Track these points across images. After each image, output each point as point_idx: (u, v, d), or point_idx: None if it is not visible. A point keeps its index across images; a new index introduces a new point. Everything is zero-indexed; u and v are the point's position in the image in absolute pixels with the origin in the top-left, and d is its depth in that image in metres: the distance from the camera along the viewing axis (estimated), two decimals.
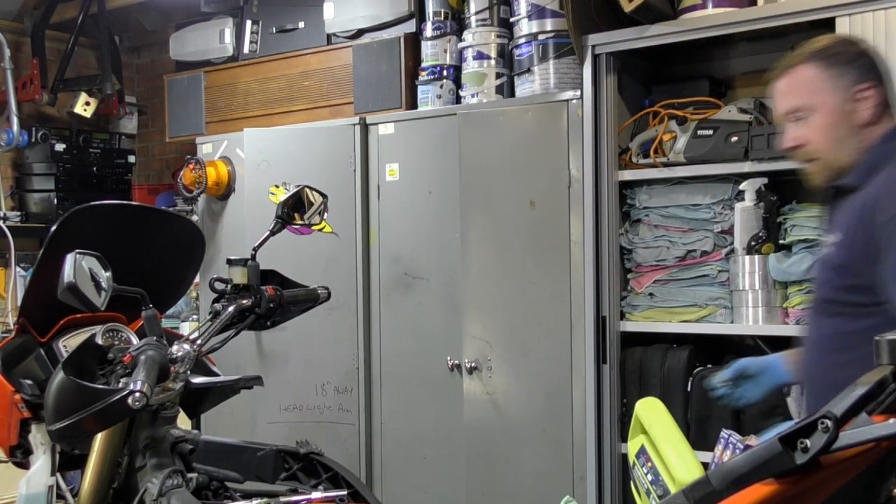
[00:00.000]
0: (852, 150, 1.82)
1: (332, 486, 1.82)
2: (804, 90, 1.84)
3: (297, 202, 2.19)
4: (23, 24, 4.87)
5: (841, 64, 1.84)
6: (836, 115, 1.82)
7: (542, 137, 3.25)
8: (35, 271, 2.09)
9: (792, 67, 1.86)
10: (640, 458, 1.34)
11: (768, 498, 1.05)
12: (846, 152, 1.82)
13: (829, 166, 1.85)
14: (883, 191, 1.70)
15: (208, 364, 2.11)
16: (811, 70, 1.84)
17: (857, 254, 1.71)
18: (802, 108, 1.84)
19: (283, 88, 4.04)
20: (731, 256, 2.97)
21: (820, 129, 1.83)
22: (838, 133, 1.82)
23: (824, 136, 1.83)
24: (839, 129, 1.82)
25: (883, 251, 1.65)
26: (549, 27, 3.30)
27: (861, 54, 1.88)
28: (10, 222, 4.57)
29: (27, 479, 2.04)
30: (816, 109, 1.83)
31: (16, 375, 2.05)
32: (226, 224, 4.05)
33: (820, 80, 1.83)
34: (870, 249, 1.68)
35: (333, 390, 3.66)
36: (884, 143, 1.81)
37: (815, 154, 1.86)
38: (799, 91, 1.85)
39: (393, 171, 3.60)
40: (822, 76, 1.83)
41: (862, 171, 1.79)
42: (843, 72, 1.83)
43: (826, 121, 1.83)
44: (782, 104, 1.88)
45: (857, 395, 1.04)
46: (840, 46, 1.90)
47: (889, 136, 1.83)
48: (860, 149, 1.82)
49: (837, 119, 1.82)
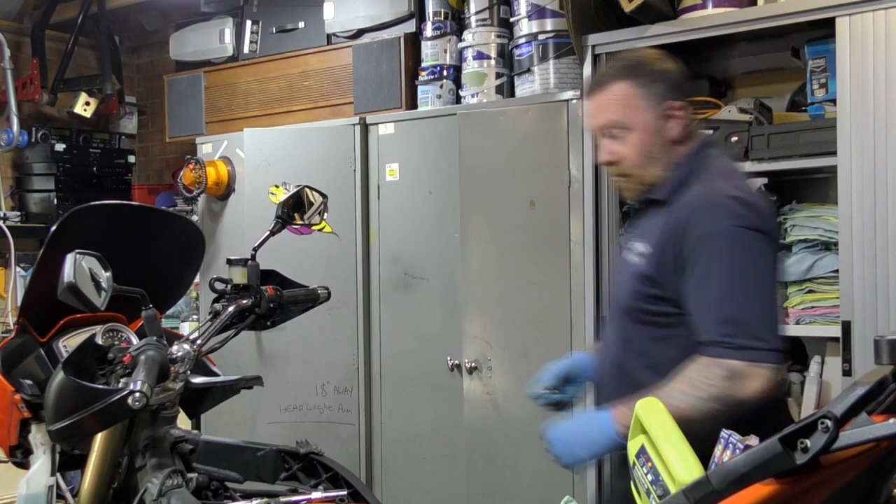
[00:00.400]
0: (663, 165, 1.88)
1: (332, 486, 1.82)
2: (619, 107, 1.88)
3: (297, 202, 2.19)
4: (23, 24, 4.87)
5: (652, 81, 1.89)
6: (650, 132, 1.87)
7: (542, 137, 3.25)
8: (35, 271, 2.09)
9: (606, 84, 1.90)
10: (640, 458, 1.34)
11: (768, 498, 1.06)
12: (657, 168, 1.88)
13: (642, 181, 1.90)
14: (694, 209, 1.77)
15: (208, 364, 2.11)
16: (625, 87, 1.88)
17: (666, 267, 1.78)
18: (618, 125, 1.88)
19: (283, 88, 4.04)
20: None
21: (634, 146, 1.87)
22: (651, 150, 1.87)
23: (638, 153, 1.87)
24: (652, 146, 1.87)
25: (689, 267, 1.74)
26: (549, 27, 3.31)
27: (669, 70, 1.93)
28: (10, 222, 4.58)
29: (27, 479, 2.04)
30: (631, 126, 1.87)
31: (16, 375, 2.05)
32: (226, 224, 4.05)
33: (634, 97, 1.87)
34: (678, 264, 1.76)
35: (333, 390, 3.66)
36: (691, 160, 1.88)
37: (629, 170, 1.91)
38: (615, 107, 1.88)
39: (393, 171, 3.60)
40: (636, 93, 1.87)
41: (671, 187, 1.85)
42: (655, 89, 1.88)
43: (640, 138, 1.87)
44: (597, 120, 1.91)
45: (857, 395, 1.04)
46: (650, 63, 1.94)
47: (696, 152, 1.89)
48: (669, 165, 1.88)
49: (651, 136, 1.87)
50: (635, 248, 1.88)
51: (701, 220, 1.75)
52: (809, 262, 2.79)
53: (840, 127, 2.64)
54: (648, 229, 1.87)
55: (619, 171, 1.92)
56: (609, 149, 1.90)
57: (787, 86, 3.15)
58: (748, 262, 1.74)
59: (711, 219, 1.75)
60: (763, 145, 2.84)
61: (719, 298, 1.72)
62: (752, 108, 2.97)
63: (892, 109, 2.56)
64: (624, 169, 1.90)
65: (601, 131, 1.91)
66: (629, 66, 1.92)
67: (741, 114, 2.96)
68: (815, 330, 2.81)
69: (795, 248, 2.87)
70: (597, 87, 1.91)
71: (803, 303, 2.83)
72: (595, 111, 1.91)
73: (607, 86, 1.89)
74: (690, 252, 1.74)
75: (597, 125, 1.91)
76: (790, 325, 2.86)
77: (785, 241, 2.92)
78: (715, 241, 1.73)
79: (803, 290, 2.83)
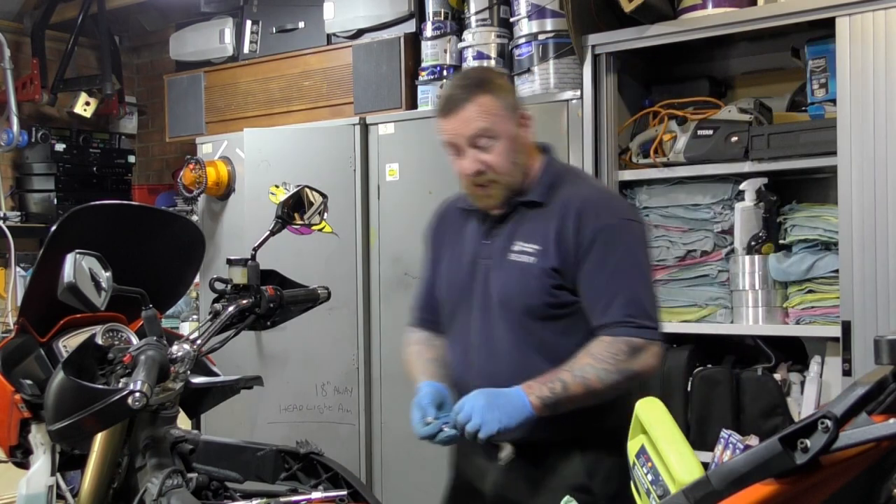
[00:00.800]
0: (524, 170, 2.01)
1: (332, 486, 1.82)
2: (487, 117, 1.95)
3: (297, 202, 2.19)
4: (23, 24, 4.87)
5: (506, 92, 2.02)
6: (512, 139, 1.98)
7: (542, 137, 3.18)
8: (35, 271, 2.09)
9: (470, 98, 1.96)
10: (640, 458, 1.34)
11: (768, 498, 1.06)
12: (520, 173, 2.00)
13: (509, 187, 1.99)
14: (583, 205, 1.95)
15: (208, 364, 2.11)
16: (488, 99, 1.96)
17: (568, 258, 1.93)
18: (487, 134, 1.96)
19: (282, 88, 4.04)
20: (731, 256, 2.97)
21: (502, 154, 1.97)
22: (516, 156, 1.99)
23: (505, 160, 1.97)
24: (516, 153, 1.99)
25: (587, 257, 1.91)
26: (549, 27, 3.30)
27: (511, 84, 2.08)
28: (10, 222, 4.58)
29: (27, 479, 2.04)
30: (498, 135, 1.96)
31: (16, 375, 2.05)
32: (226, 224, 4.05)
33: (497, 108, 1.96)
34: (578, 255, 1.92)
35: (333, 390, 3.66)
36: (552, 165, 2.06)
37: (497, 177, 1.97)
38: (482, 119, 1.95)
39: (393, 171, 3.60)
40: (498, 105, 1.97)
41: (543, 189, 2.00)
42: (510, 100, 2.01)
43: (506, 146, 1.97)
44: (465, 132, 1.96)
45: (857, 395, 1.04)
46: (497, 77, 2.08)
47: (550, 159, 2.08)
48: (530, 169, 2.02)
49: (513, 143, 1.98)
50: (523, 249, 1.97)
51: (593, 214, 1.93)
52: (809, 262, 2.79)
53: (840, 127, 2.64)
54: (532, 230, 1.98)
55: (487, 180, 1.98)
56: (478, 159, 1.97)
57: (787, 86, 3.15)
58: (638, 251, 1.98)
59: (602, 213, 1.95)
60: (763, 145, 2.84)
61: (619, 283, 1.90)
62: (752, 108, 2.97)
63: (892, 109, 2.56)
64: (492, 177, 1.97)
65: (470, 143, 1.97)
66: (484, 81, 2.01)
67: (741, 114, 2.96)
68: (815, 330, 2.81)
69: (795, 248, 2.88)
70: (460, 102, 1.97)
71: (803, 303, 2.83)
72: (461, 125, 1.97)
73: (471, 100, 1.96)
74: (589, 244, 1.91)
75: (465, 137, 1.97)
76: (790, 325, 2.86)
77: (785, 241, 2.92)
78: (609, 232, 1.92)
79: (803, 290, 2.83)
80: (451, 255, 2.12)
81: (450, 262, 2.12)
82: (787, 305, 2.88)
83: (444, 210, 2.23)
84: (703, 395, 2.93)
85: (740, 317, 2.93)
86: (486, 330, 2.01)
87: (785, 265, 2.84)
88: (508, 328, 1.98)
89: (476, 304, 2.03)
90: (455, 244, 2.12)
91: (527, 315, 1.96)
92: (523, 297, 1.96)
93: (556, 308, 1.95)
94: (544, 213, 1.98)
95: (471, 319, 2.04)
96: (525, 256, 1.97)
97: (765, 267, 2.88)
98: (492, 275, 2.01)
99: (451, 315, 2.11)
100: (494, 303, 2.00)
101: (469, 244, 2.08)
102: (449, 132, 1.99)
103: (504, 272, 1.99)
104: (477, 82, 2.00)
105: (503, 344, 1.98)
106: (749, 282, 2.90)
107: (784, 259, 2.86)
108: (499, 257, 2.01)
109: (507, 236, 2.01)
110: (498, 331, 1.99)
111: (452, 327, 2.10)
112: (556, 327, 1.96)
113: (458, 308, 2.08)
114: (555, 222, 1.95)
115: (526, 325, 1.96)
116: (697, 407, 2.95)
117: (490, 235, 2.04)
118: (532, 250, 1.96)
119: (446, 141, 2.01)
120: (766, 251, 2.89)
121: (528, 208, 2.01)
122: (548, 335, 1.96)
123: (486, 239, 2.04)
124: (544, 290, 1.94)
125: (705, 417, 2.93)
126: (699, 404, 2.94)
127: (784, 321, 2.89)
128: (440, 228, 2.20)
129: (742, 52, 3.31)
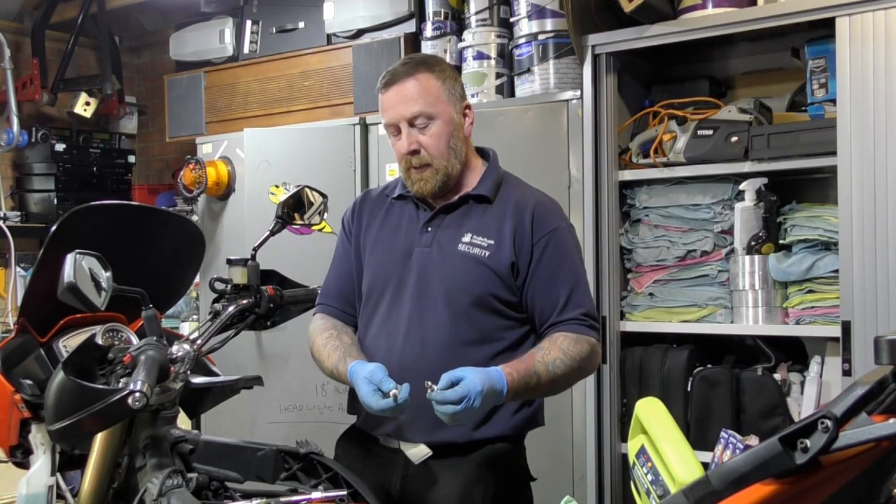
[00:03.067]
0: (460, 160, 2.00)
1: (332, 486, 1.82)
2: (427, 96, 1.94)
3: (297, 202, 2.20)
4: (23, 24, 4.87)
5: (452, 79, 2.01)
6: (452, 124, 1.97)
7: (542, 137, 3.24)
8: (35, 271, 2.09)
9: (411, 74, 1.95)
10: (640, 458, 1.34)
11: (768, 498, 1.06)
12: (458, 163, 1.99)
13: (446, 174, 1.98)
14: (534, 207, 1.99)
15: (208, 364, 2.11)
16: (430, 78, 1.96)
17: (523, 255, 1.96)
18: (425, 114, 1.94)
19: (282, 88, 4.04)
20: (731, 256, 2.97)
21: (439, 136, 1.95)
22: (455, 143, 1.98)
23: (443, 143, 1.96)
24: (455, 139, 1.98)
25: (540, 257, 1.96)
26: (549, 27, 3.30)
27: (458, 73, 1.97)
28: (10, 222, 4.57)
29: (27, 479, 2.04)
30: (436, 116, 1.95)
31: (16, 375, 2.05)
32: (226, 224, 4.05)
33: (438, 88, 1.96)
34: (534, 253, 1.96)
35: (333, 390, 3.66)
36: (495, 165, 2.07)
37: (433, 160, 1.96)
38: (422, 96, 1.94)
39: (393, 171, 3.59)
40: (439, 86, 1.96)
41: (490, 186, 2.01)
42: (455, 86, 2.01)
43: (444, 129, 1.96)
44: (403, 109, 1.95)
45: (857, 395, 1.04)
46: (445, 63, 2.07)
47: (494, 156, 2.10)
48: (466, 161, 2.02)
49: (453, 129, 1.97)
50: (475, 242, 1.97)
51: (546, 216, 1.99)
52: (809, 262, 2.79)
53: (840, 127, 2.64)
54: (484, 225, 1.98)
55: (422, 162, 1.96)
56: (415, 138, 1.95)
57: (787, 86, 3.15)
58: (578, 254, 2.05)
59: (554, 216, 2.01)
60: (763, 145, 2.84)
61: (571, 284, 1.96)
62: (752, 108, 2.97)
63: (892, 109, 2.56)
64: (428, 159, 1.96)
65: (408, 121, 1.95)
66: (428, 61, 2.00)
67: (741, 114, 2.96)
68: (815, 330, 2.81)
69: (795, 248, 2.88)
70: (402, 77, 1.95)
71: (803, 303, 2.83)
72: (400, 100, 1.95)
73: (412, 76, 1.94)
74: (544, 245, 1.96)
75: (402, 114, 1.95)
76: (790, 325, 2.86)
77: (785, 241, 2.92)
78: (561, 234, 1.98)
79: (803, 290, 2.83)
80: (378, 244, 2.07)
81: (376, 251, 2.07)
82: (787, 305, 2.88)
83: (365, 199, 2.17)
84: (703, 395, 2.93)
85: (740, 317, 2.93)
86: (420, 318, 1.97)
87: (785, 265, 2.83)
88: (448, 318, 1.95)
89: (409, 293, 1.98)
90: (382, 232, 2.07)
91: (473, 306, 1.95)
92: (473, 288, 1.95)
93: (501, 302, 1.96)
94: (494, 209, 2.00)
95: (400, 307, 1.99)
96: (477, 249, 1.96)
97: (765, 267, 2.88)
98: (432, 264, 1.98)
99: (374, 304, 2.04)
100: (435, 292, 1.96)
101: (403, 233, 2.04)
102: (388, 108, 1.97)
103: (451, 262, 1.97)
104: (421, 61, 2.01)
105: (438, 334, 1.94)
106: (749, 282, 2.90)
107: (784, 259, 2.86)
108: (444, 247, 1.98)
109: (455, 227, 1.99)
110: (433, 319, 1.96)
111: (375, 316, 2.04)
112: (497, 320, 1.97)
113: (384, 297, 2.02)
114: (511, 221, 1.97)
115: (470, 316, 1.95)
116: (697, 407, 2.95)
117: (432, 224, 2.01)
118: (485, 244, 1.96)
119: (386, 122, 1.99)
120: (766, 251, 2.89)
121: (477, 202, 2.01)
122: (488, 327, 1.96)
123: (427, 228, 2.01)
124: (495, 282, 1.95)
125: (705, 417, 2.93)
126: (699, 404, 2.94)
127: (784, 321, 2.89)
128: (361, 218, 2.13)
129: (742, 52, 3.31)
